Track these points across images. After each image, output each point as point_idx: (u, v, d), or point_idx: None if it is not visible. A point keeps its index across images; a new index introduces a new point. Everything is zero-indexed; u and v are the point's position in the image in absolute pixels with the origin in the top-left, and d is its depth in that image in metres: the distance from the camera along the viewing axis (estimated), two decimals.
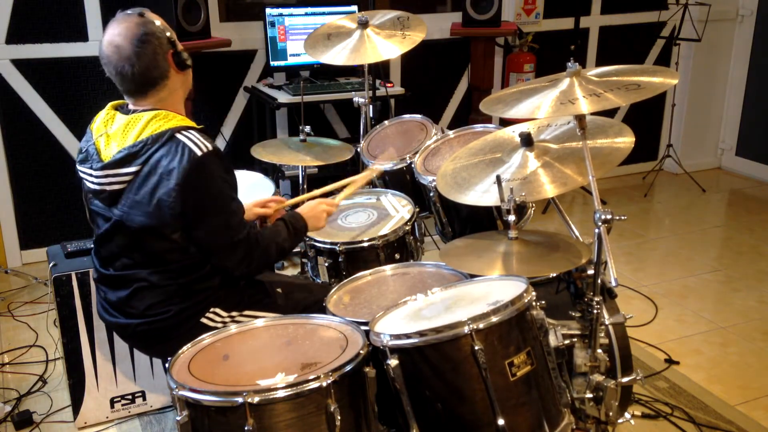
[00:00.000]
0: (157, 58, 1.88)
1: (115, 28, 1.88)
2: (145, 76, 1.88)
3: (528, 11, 4.67)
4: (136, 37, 1.85)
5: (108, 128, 1.92)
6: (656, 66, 2.94)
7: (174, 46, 1.92)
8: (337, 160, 2.91)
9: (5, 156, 3.83)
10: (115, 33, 1.87)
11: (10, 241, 3.94)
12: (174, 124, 1.88)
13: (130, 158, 1.86)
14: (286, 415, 1.56)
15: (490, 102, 1.98)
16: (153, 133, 1.86)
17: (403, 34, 2.92)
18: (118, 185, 1.89)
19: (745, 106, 5.31)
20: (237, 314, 2.03)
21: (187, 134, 1.87)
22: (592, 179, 1.77)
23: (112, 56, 1.87)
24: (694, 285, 3.65)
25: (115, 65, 1.87)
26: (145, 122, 1.87)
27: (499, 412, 1.62)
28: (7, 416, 2.64)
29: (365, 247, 2.35)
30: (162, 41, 1.89)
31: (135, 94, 1.92)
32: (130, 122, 1.89)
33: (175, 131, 1.86)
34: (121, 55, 1.85)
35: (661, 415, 2.58)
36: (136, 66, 1.86)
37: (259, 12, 4.13)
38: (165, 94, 1.93)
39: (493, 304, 1.68)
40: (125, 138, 1.88)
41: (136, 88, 1.91)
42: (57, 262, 2.52)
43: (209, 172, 1.86)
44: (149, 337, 2.01)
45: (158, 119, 1.88)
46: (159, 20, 1.93)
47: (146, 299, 1.96)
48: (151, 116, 1.88)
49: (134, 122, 1.88)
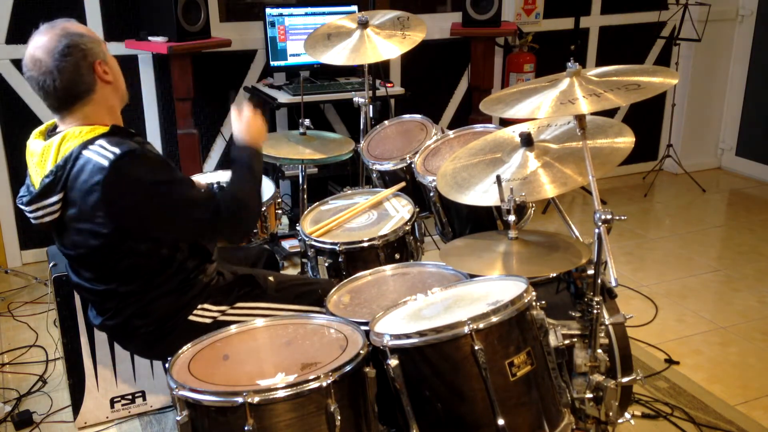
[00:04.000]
0: (81, 71, 1.79)
1: (36, 41, 1.79)
2: (68, 91, 1.79)
3: (528, 11, 4.67)
4: (56, 50, 1.77)
5: (33, 158, 1.86)
6: (656, 66, 2.93)
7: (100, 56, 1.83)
8: (337, 154, 2.91)
9: (5, 156, 3.83)
10: (37, 46, 1.78)
11: (10, 241, 3.94)
12: (81, 140, 1.78)
13: (50, 187, 1.80)
14: (286, 415, 1.56)
15: (490, 102, 1.98)
16: (63, 155, 1.78)
17: (403, 34, 2.92)
18: (49, 216, 1.83)
19: (745, 106, 5.31)
20: (228, 308, 2.01)
21: (93, 147, 1.77)
22: (592, 179, 1.77)
23: (33, 71, 1.78)
24: (694, 285, 3.65)
25: (37, 80, 1.78)
26: (57, 147, 1.80)
27: (499, 412, 1.62)
28: (7, 416, 2.64)
29: (365, 247, 2.35)
30: (86, 53, 1.80)
31: (60, 109, 1.83)
32: (45, 149, 1.82)
33: (82, 147, 1.77)
34: (41, 69, 1.77)
35: (661, 415, 2.58)
36: (58, 80, 1.77)
37: (259, 12, 4.14)
38: (91, 109, 1.84)
39: (493, 304, 1.68)
40: (44, 167, 1.82)
41: (59, 104, 1.82)
42: (57, 262, 2.52)
43: (126, 175, 1.76)
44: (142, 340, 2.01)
45: (67, 140, 1.79)
46: (84, 30, 1.84)
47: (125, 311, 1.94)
48: (61, 138, 1.80)
49: (48, 149, 1.81)
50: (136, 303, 1.93)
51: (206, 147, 4.25)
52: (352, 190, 2.85)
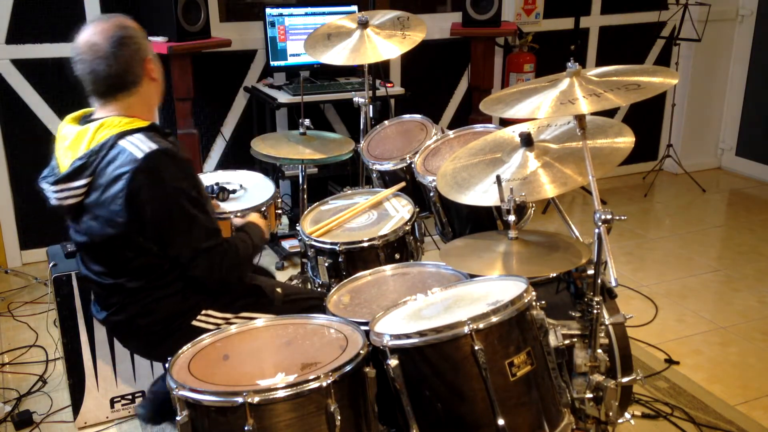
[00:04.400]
0: (134, 62, 1.87)
1: (94, 28, 1.86)
2: (118, 78, 1.86)
3: (528, 11, 4.67)
4: (115, 38, 1.84)
5: (62, 143, 1.90)
6: (656, 66, 2.93)
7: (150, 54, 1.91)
8: (337, 154, 2.91)
9: (5, 156, 3.83)
10: (94, 32, 1.85)
11: (10, 241, 3.94)
12: (119, 129, 1.84)
13: (80, 170, 1.84)
14: (286, 415, 1.56)
15: (490, 102, 1.98)
16: (99, 142, 1.83)
17: (403, 34, 2.92)
18: (73, 199, 1.88)
19: (745, 106, 5.31)
20: (232, 316, 2.02)
21: (130, 138, 1.82)
22: (592, 179, 1.77)
23: (86, 54, 1.84)
24: (694, 285, 3.65)
25: (90, 63, 1.84)
26: (93, 132, 1.84)
27: (499, 412, 1.62)
28: (7, 416, 2.64)
29: (365, 247, 2.35)
30: (140, 48, 1.89)
31: (105, 95, 1.89)
32: (80, 134, 1.86)
33: (119, 137, 1.82)
34: (97, 54, 1.83)
35: (661, 415, 2.58)
36: (113, 66, 1.84)
37: (259, 12, 4.14)
38: (134, 101, 1.91)
39: (493, 304, 1.68)
40: (76, 150, 1.86)
41: (106, 90, 1.88)
42: (57, 262, 2.52)
43: (155, 170, 1.81)
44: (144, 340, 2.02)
45: (105, 127, 1.85)
46: (138, 27, 1.91)
47: (130, 308, 1.95)
48: (99, 125, 1.85)
49: (83, 134, 1.86)
50: (141, 300, 1.94)
51: (206, 147, 4.25)
52: (352, 190, 2.85)
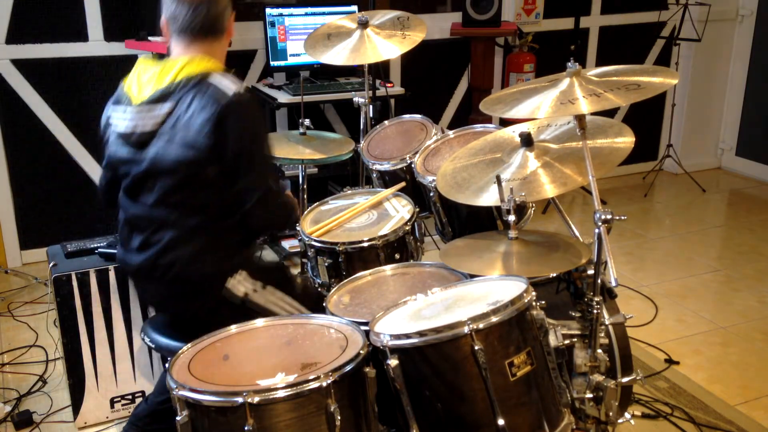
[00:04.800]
0: (225, 14, 2.07)
1: None
2: (212, 22, 2.02)
3: (528, 11, 4.68)
4: None
5: (141, 77, 2.00)
6: (656, 66, 2.93)
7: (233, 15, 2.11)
8: (337, 154, 2.91)
9: (5, 156, 3.83)
10: None
11: (10, 241, 3.94)
12: (206, 67, 1.97)
13: (164, 97, 1.94)
14: (286, 415, 1.56)
15: (490, 102, 1.98)
16: (187, 75, 1.95)
17: (403, 34, 2.92)
18: (150, 125, 1.95)
19: (745, 106, 5.31)
20: (261, 285, 2.06)
21: (220, 75, 1.96)
22: (592, 179, 1.77)
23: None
24: (694, 285, 3.65)
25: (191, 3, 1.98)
26: (180, 66, 1.97)
27: (499, 412, 1.62)
28: (7, 416, 2.64)
29: (365, 247, 2.35)
30: (229, 6, 2.08)
31: (194, 35, 2.01)
32: (165, 66, 1.98)
33: (208, 74, 1.96)
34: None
35: (661, 415, 2.58)
36: (211, 11, 2.01)
37: (259, 12, 4.13)
38: (216, 48, 2.06)
39: (493, 304, 1.67)
40: (161, 81, 1.96)
41: (200, 29, 2.01)
42: (57, 262, 2.52)
43: (241, 111, 1.94)
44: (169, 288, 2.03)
45: (193, 63, 1.97)
46: None
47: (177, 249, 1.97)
48: (187, 60, 1.97)
49: (170, 66, 1.97)
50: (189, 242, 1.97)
51: None
52: (352, 190, 2.84)
